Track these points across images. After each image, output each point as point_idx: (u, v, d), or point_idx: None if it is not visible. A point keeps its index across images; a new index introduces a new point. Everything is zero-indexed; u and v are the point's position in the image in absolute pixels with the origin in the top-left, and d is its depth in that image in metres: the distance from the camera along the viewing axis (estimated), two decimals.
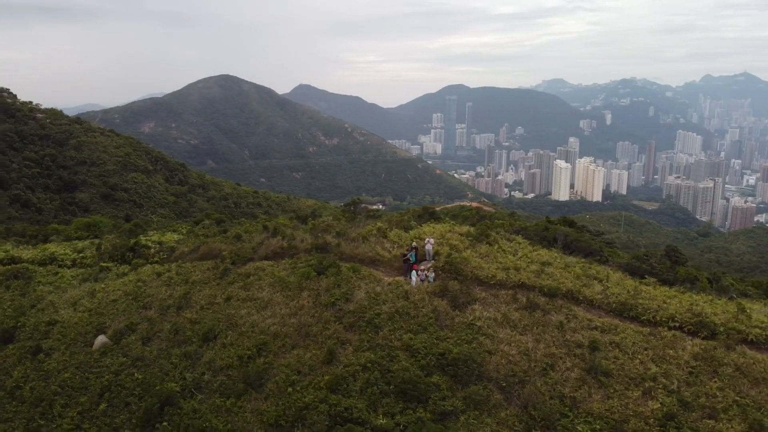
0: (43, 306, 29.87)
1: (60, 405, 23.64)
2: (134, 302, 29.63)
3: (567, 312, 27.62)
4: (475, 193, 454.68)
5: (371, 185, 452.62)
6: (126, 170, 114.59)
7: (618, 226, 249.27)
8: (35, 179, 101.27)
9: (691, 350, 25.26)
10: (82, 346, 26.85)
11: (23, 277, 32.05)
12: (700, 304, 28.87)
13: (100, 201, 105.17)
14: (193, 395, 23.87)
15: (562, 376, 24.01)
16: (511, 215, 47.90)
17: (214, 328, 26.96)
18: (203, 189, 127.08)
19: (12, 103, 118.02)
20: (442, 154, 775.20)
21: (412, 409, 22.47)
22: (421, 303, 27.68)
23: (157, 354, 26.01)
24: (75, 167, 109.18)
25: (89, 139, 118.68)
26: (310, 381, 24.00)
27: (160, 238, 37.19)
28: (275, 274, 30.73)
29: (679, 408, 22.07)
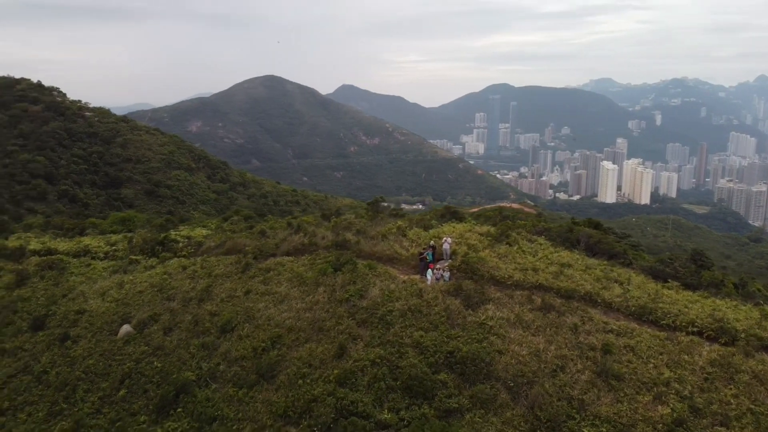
0: (73, 296, 31.35)
1: (82, 390, 24.84)
2: (159, 294, 30.77)
3: (582, 314, 27.31)
4: (518, 194, 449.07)
5: (411, 185, 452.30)
6: (169, 168, 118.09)
7: (665, 229, 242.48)
8: (82, 175, 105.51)
9: (707, 356, 24.68)
10: (108, 334, 28.09)
11: (57, 267, 33.71)
12: (723, 310, 28.11)
13: (144, 197, 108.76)
14: (208, 384, 24.70)
15: (571, 378, 23.81)
16: (537, 216, 47.32)
17: (232, 320, 27.78)
18: (244, 187, 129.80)
19: (62, 101, 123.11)
20: (485, 154, 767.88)
21: (418, 406, 22.71)
22: (434, 301, 27.84)
23: (176, 344, 26.99)
24: (121, 164, 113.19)
25: (135, 137, 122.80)
26: (320, 374, 24.52)
27: (189, 233, 38.43)
28: (294, 269, 31.39)
29: (690, 414, 21.65)
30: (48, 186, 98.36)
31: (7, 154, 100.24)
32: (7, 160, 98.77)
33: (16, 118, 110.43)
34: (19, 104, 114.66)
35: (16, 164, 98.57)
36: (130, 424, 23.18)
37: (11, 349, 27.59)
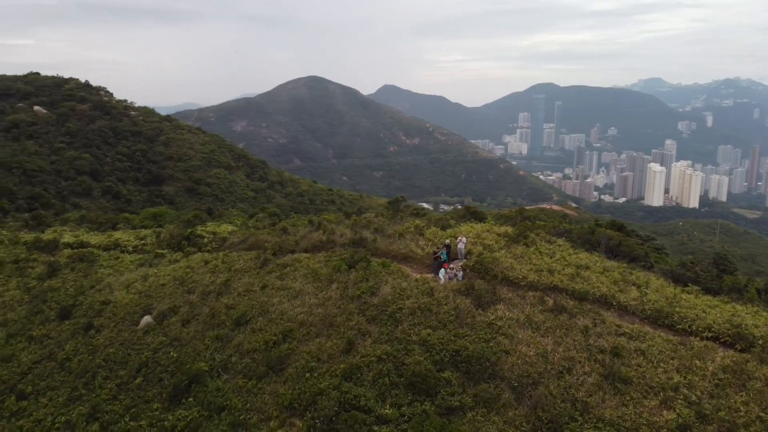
0: (100, 287, 32.74)
1: (101, 377, 25.99)
2: (180, 287, 31.85)
3: (595, 316, 26.99)
4: (561, 196, 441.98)
5: (450, 185, 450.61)
6: (210, 166, 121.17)
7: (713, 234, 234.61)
8: (126, 172, 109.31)
9: (720, 362, 24.09)
10: (129, 324, 29.27)
11: (87, 260, 35.24)
12: (742, 315, 27.37)
13: (184, 194, 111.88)
14: (219, 375, 25.47)
15: (577, 380, 23.60)
16: (563, 218, 46.59)
17: (247, 313, 28.55)
18: (281, 185, 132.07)
19: (108, 101, 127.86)
20: (528, 155, 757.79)
21: (420, 402, 22.89)
22: (445, 300, 27.96)
23: (193, 335, 27.92)
24: (163, 162, 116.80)
25: (177, 136, 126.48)
26: (327, 368, 24.97)
27: (215, 229, 39.57)
28: (310, 266, 31.98)
29: (696, 420, 21.22)
30: (93, 182, 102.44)
31: (55, 151, 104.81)
32: (55, 157, 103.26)
33: (64, 117, 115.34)
34: (67, 103, 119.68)
35: (63, 161, 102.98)
36: (144, 411, 24.15)
37: (38, 337, 29.06)
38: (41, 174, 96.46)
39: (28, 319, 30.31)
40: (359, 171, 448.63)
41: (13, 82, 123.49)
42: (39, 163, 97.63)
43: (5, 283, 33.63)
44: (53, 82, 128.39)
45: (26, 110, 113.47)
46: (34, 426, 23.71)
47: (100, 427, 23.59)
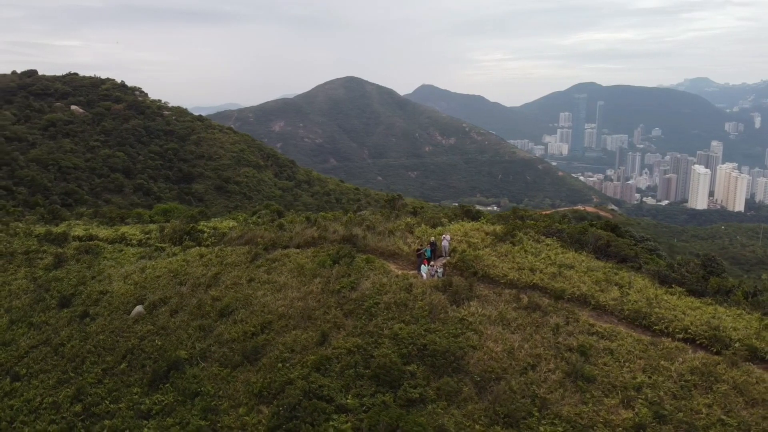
0: (101, 278, 34.42)
1: (90, 362, 27.47)
2: (174, 279, 33.20)
3: (568, 315, 27.07)
4: (601, 198, 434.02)
5: (486, 186, 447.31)
6: (239, 165, 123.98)
7: (756, 239, 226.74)
8: (158, 170, 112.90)
9: (689, 363, 23.92)
10: (122, 313, 30.74)
11: (93, 252, 37.04)
12: (723, 317, 27.03)
13: (213, 192, 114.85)
14: (198, 363, 26.62)
15: (540, 377, 23.82)
16: (562, 217, 46.14)
17: (231, 305, 29.64)
18: (308, 184, 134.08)
19: (143, 100, 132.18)
20: (569, 156, 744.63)
21: (383, 393, 23.48)
22: (421, 296, 28.43)
23: (178, 325, 29.17)
24: (194, 160, 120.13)
25: (208, 135, 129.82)
26: (299, 359, 25.81)
27: (216, 225, 40.96)
28: (297, 261, 32.90)
29: (653, 420, 21.22)
30: (125, 180, 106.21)
31: (90, 149, 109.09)
32: (90, 155, 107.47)
33: (99, 116, 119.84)
34: (103, 103, 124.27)
35: (97, 159, 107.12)
36: (125, 395, 25.46)
37: (38, 323, 30.84)
38: (76, 171, 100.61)
39: (30, 306, 32.20)
40: (394, 171, 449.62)
41: (52, 82, 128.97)
42: (74, 161, 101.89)
43: (14, 273, 35.76)
44: (90, 82, 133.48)
45: (64, 109, 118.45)
46: (23, 405, 25.33)
47: (83, 408, 25.00)
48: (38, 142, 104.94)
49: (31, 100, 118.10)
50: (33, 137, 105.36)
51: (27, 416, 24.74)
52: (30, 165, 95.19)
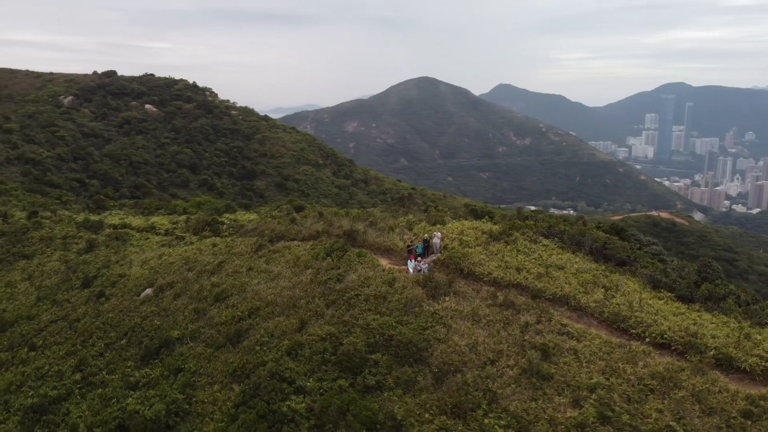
0: (123, 262, 37.57)
1: (96, 336, 30.34)
2: (184, 266, 35.78)
3: (542, 314, 27.20)
4: (686, 204, 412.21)
5: (562, 189, 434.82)
6: (299, 163, 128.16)
7: None
8: (222, 167, 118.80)
9: (653, 368, 23.64)
10: (133, 295, 33.58)
11: (122, 239, 40.39)
12: (705, 324, 26.35)
13: (273, 189, 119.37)
14: (187, 342, 28.85)
15: (498, 372, 24.24)
16: (579, 219, 45.10)
17: (227, 291, 31.72)
18: (365, 183, 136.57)
19: (212, 100, 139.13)
20: (654, 159, 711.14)
21: (344, 379, 24.71)
22: (401, 290, 29.37)
23: (178, 307, 31.58)
24: (257, 158, 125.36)
25: (272, 134, 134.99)
26: (276, 344, 27.45)
27: (237, 218, 43.45)
28: (296, 252, 34.61)
29: (597, 420, 21.28)
30: (191, 175, 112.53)
31: (160, 146, 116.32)
32: (160, 151, 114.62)
33: (171, 115, 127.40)
34: (175, 102, 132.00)
35: (166, 155, 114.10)
36: (120, 367, 28.03)
37: (60, 301, 34.23)
38: (145, 166, 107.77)
39: (57, 286, 35.74)
40: (465, 172, 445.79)
41: (129, 82, 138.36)
42: (144, 156, 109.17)
43: (50, 255, 39.68)
44: (164, 82, 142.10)
45: (138, 108, 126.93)
46: (33, 372, 28.46)
47: (82, 377, 27.80)
48: (113, 138, 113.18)
49: (109, 99, 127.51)
50: (108, 134, 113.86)
51: (34, 382, 27.85)
52: (103, 159, 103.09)
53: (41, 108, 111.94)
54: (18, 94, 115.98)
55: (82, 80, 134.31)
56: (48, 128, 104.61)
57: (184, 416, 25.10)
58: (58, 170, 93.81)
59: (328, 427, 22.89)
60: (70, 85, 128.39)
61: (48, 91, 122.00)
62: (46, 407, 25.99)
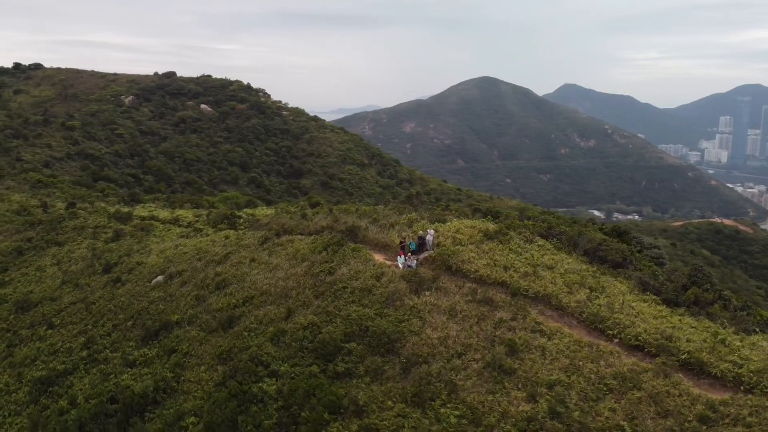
0: (143, 251, 40.29)
1: (107, 318, 32.92)
2: (196, 255, 38.07)
3: (517, 311, 27.63)
4: (759, 211, 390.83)
5: (627, 193, 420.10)
6: (344, 162, 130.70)
7: None
8: (271, 165, 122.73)
9: (617, 368, 23.80)
10: (146, 281, 36.09)
11: (146, 230, 43.25)
12: (684, 328, 26.17)
13: (318, 187, 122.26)
14: (184, 326, 30.93)
15: (463, 364, 24.96)
16: (574, 222, 44.36)
17: (227, 280, 33.66)
18: (410, 183, 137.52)
19: (264, 101, 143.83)
20: (728, 163, 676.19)
21: (317, 365, 26.06)
22: (387, 284, 30.44)
23: (183, 293, 33.78)
24: (304, 157, 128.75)
25: (320, 134, 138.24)
26: (263, 330, 29.10)
27: (255, 212, 45.57)
28: (297, 246, 36.22)
29: (547, 415, 21.73)
30: (241, 173, 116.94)
31: (213, 144, 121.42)
32: (212, 150, 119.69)
33: (225, 114, 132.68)
34: (229, 102, 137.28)
35: (218, 153, 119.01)
36: (122, 347, 30.40)
37: (82, 285, 37.14)
38: (198, 163, 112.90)
39: (82, 271, 38.77)
40: (524, 173, 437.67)
41: (187, 83, 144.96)
42: (197, 154, 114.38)
43: (80, 243, 42.95)
44: (220, 83, 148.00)
45: (194, 108, 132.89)
46: (47, 348, 31.27)
47: (88, 353, 30.33)
48: (169, 136, 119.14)
49: (167, 98, 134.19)
50: (165, 132, 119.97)
51: (47, 357, 30.63)
52: (158, 156, 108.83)
53: (103, 107, 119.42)
54: (83, 94, 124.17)
55: (143, 81, 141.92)
56: (108, 126, 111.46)
57: (171, 393, 27.04)
58: (114, 166, 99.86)
59: (293, 408, 24.22)
60: (132, 86, 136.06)
61: (111, 90, 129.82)
62: (53, 380, 28.64)
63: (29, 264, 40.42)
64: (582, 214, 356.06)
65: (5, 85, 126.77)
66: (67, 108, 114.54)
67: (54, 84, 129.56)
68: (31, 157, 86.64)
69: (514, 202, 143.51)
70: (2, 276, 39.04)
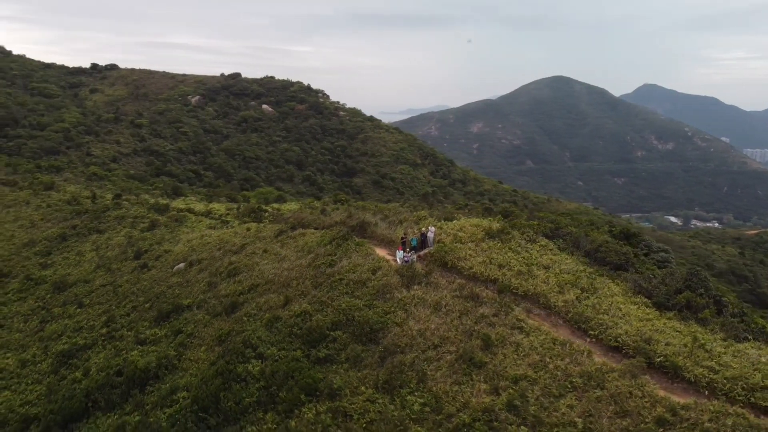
0: (173, 240, 43.20)
1: (128, 300, 35.77)
2: (217, 245, 40.51)
3: (500, 308, 28.11)
4: None
5: (707, 199, 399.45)
6: (397, 162, 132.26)
7: None
8: (326, 164, 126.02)
9: (585, 367, 23.99)
10: (168, 268, 38.85)
11: (180, 220, 46.25)
12: (667, 332, 25.94)
13: (370, 186, 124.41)
14: (193, 310, 33.26)
15: (437, 356, 25.81)
16: (592, 223, 43.11)
17: (239, 269, 35.79)
18: (463, 184, 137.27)
19: (323, 102, 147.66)
20: None
21: (302, 350, 27.58)
22: (381, 278, 31.61)
23: (198, 279, 36.21)
24: (358, 157, 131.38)
25: (375, 134, 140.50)
26: (261, 316, 30.96)
27: (280, 207, 47.74)
28: (307, 239, 37.93)
29: (504, 408, 22.29)
30: (296, 171, 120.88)
31: (272, 143, 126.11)
32: (271, 148, 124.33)
33: (284, 114, 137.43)
34: (289, 103, 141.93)
35: (276, 152, 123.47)
36: (137, 326, 33.05)
37: (113, 269, 40.35)
38: (256, 161, 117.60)
39: (116, 257, 42.09)
40: (597, 176, 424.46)
41: (250, 84, 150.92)
42: (256, 152, 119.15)
43: (119, 231, 46.45)
44: (282, 84, 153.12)
45: (256, 108, 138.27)
46: (73, 324, 34.42)
47: (107, 331, 33.18)
48: (231, 135, 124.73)
49: (231, 99, 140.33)
50: (227, 131, 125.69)
51: (72, 332, 33.73)
52: (219, 154, 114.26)
53: (171, 106, 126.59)
54: (153, 93, 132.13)
55: (210, 81, 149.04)
56: (174, 124, 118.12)
57: (171, 369, 29.28)
58: (177, 162, 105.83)
59: (273, 389, 25.79)
60: (198, 86, 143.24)
61: (179, 90, 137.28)
62: (74, 353, 31.59)
63: (71, 249, 44.31)
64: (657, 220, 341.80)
65: (82, 84, 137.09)
66: (138, 107, 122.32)
67: (127, 84, 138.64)
68: (100, 153, 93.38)
69: (572, 205, 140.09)
70: (46, 259, 43.10)
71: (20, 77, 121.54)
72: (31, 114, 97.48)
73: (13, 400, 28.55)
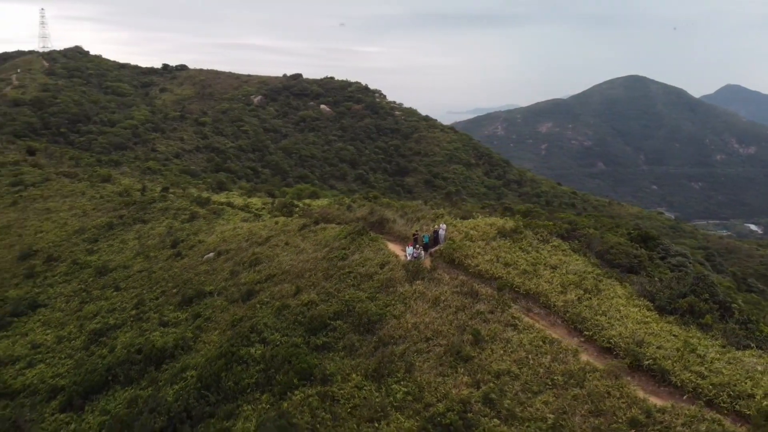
0: (208, 231, 45.74)
1: (159, 285, 38.38)
2: (245, 237, 42.68)
3: (497, 305, 28.54)
4: None
5: None
6: (450, 162, 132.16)
7: None
8: (379, 163, 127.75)
9: (569, 366, 24.22)
10: (199, 257, 41.32)
11: (217, 213, 48.85)
12: (662, 336, 25.73)
13: (422, 185, 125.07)
14: (214, 296, 35.39)
15: (427, 348, 26.63)
16: (617, 225, 41.62)
17: (260, 259, 37.70)
18: (518, 185, 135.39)
19: (379, 102, 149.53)
20: None
21: (303, 337, 29.02)
22: (388, 272, 32.63)
23: (222, 268, 38.39)
24: (411, 156, 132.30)
25: (429, 134, 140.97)
26: (273, 304, 32.67)
27: (310, 203, 49.50)
28: (326, 233, 39.38)
29: (480, 400, 22.88)
30: (349, 169, 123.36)
31: (327, 142, 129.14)
32: (326, 147, 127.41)
33: (341, 114, 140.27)
34: (346, 103, 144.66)
35: (331, 150, 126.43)
36: (163, 309, 35.51)
37: (151, 257, 43.24)
38: (312, 160, 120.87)
39: (155, 245, 45.05)
40: (673, 180, 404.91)
41: (310, 84, 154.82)
42: (312, 151, 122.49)
43: (161, 222, 49.53)
44: (340, 84, 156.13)
45: (314, 108, 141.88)
46: (108, 306, 37.35)
47: (136, 313, 35.85)
48: (289, 134, 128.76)
49: (291, 99, 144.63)
50: (286, 130, 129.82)
51: (105, 313, 36.64)
52: (277, 152, 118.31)
53: (234, 105, 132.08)
54: (218, 93, 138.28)
55: (272, 82, 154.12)
56: (235, 123, 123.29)
57: (186, 350, 31.43)
58: (237, 159, 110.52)
59: (270, 371, 27.33)
60: (261, 86, 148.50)
61: (242, 91, 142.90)
62: (104, 332, 34.37)
63: (116, 237, 47.75)
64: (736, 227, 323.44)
65: (153, 83, 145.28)
66: (203, 105, 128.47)
67: (195, 84, 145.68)
68: (164, 149, 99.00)
69: (635, 209, 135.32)
70: (92, 246, 46.68)
71: (95, 76, 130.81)
72: (103, 111, 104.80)
73: (46, 372, 31.57)
